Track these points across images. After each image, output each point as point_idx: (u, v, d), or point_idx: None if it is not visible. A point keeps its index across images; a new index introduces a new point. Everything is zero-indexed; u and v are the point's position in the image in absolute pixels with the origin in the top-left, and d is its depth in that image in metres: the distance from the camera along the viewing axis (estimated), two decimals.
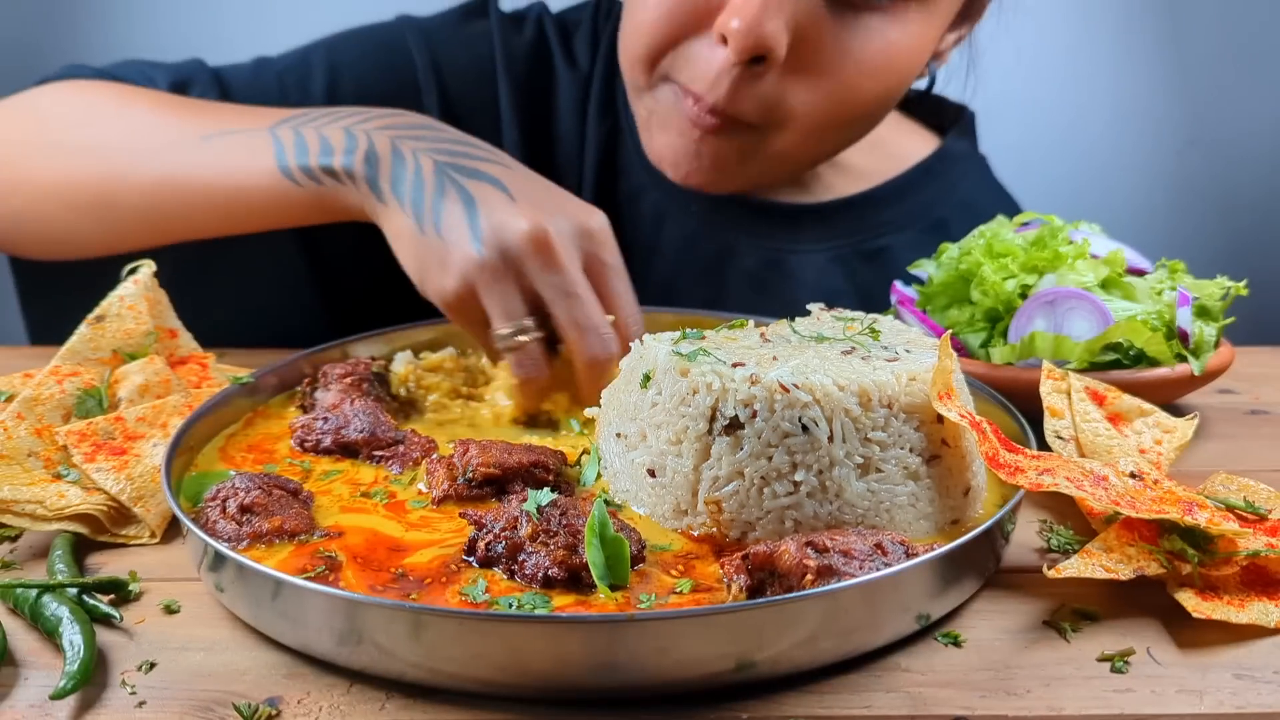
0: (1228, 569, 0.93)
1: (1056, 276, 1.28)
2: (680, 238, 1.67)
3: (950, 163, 1.72)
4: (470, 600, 0.89)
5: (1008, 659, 0.88)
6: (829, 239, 1.65)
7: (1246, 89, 2.68)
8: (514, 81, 1.66)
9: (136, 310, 1.25)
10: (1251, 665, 0.87)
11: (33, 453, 1.10)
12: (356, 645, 0.83)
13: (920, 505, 0.99)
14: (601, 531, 0.91)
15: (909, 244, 1.64)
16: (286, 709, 0.82)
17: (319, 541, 0.98)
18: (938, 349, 1.01)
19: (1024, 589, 0.97)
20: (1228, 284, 1.31)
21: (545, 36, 1.70)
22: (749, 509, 0.98)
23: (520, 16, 1.71)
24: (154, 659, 0.87)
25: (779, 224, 1.66)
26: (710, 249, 1.66)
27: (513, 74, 1.66)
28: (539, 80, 1.69)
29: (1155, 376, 1.24)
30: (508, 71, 1.66)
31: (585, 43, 1.70)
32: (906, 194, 1.68)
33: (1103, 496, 0.95)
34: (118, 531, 1.05)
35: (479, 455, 1.05)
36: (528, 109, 1.66)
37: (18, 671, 0.87)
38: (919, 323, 1.35)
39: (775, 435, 0.96)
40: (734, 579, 0.90)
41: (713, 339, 1.08)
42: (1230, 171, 2.73)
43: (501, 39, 1.67)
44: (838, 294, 1.61)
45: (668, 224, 1.67)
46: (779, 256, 1.65)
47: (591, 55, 1.70)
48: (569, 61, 1.69)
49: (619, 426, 1.06)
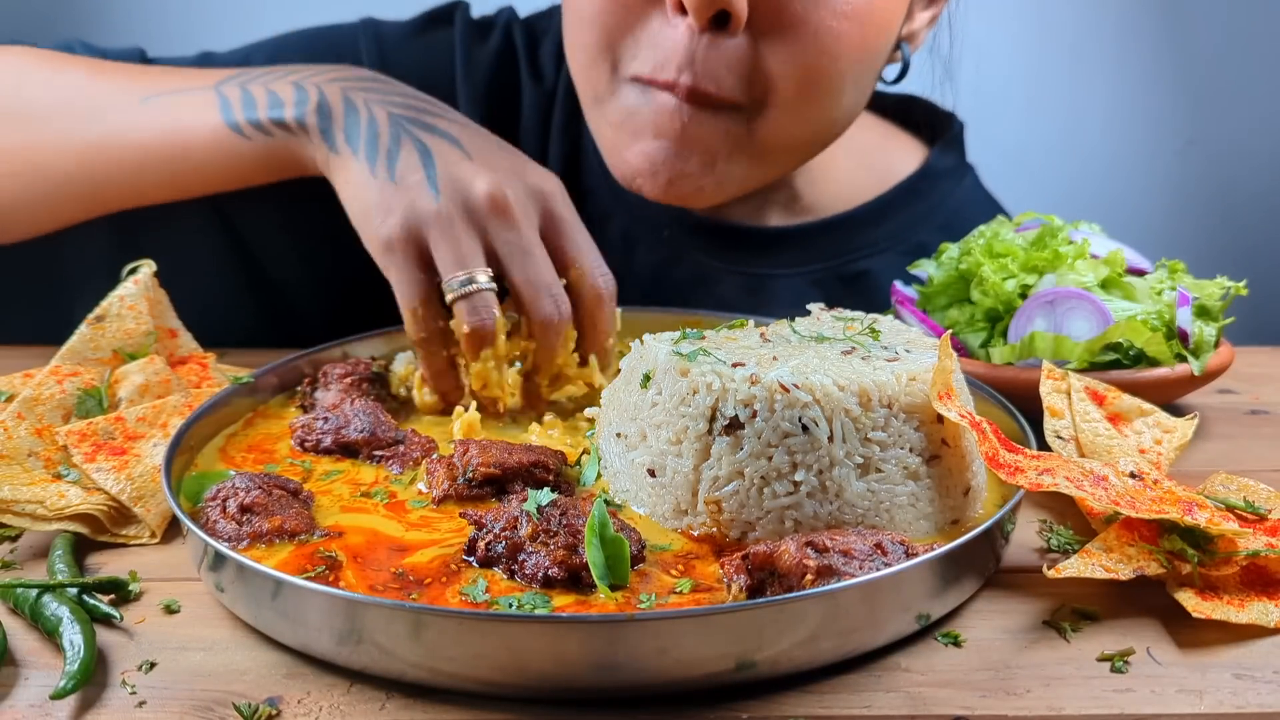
0: (1228, 569, 0.93)
1: (1056, 276, 1.29)
2: (651, 264, 1.59)
3: (934, 180, 1.64)
4: (470, 600, 0.89)
5: (1008, 659, 0.88)
6: (806, 262, 1.58)
7: (1246, 89, 2.68)
8: (475, 94, 1.60)
9: (136, 310, 1.25)
10: (1251, 665, 0.87)
11: (33, 453, 1.10)
12: (356, 645, 0.83)
13: (920, 505, 0.99)
14: (601, 531, 0.91)
15: (889, 267, 1.56)
16: (286, 709, 0.82)
17: (319, 541, 0.98)
18: (938, 349, 1.01)
19: (1024, 589, 0.97)
20: (1228, 284, 1.31)
21: (512, 45, 1.63)
22: (749, 509, 0.98)
23: (487, 24, 1.64)
24: (154, 659, 0.87)
25: (755, 248, 1.58)
26: (683, 275, 1.59)
27: (473, 84, 1.60)
28: (502, 93, 1.62)
29: (1155, 376, 1.24)
30: (468, 82, 1.59)
31: (550, 54, 1.63)
32: (888, 215, 1.61)
33: (1103, 496, 0.95)
34: (118, 531, 1.05)
35: (479, 455, 1.05)
36: (488, 123, 1.52)
37: (18, 671, 0.87)
38: (919, 323, 1.35)
39: (775, 435, 0.96)
40: (734, 579, 0.90)
41: (713, 339, 1.08)
42: (1230, 171, 2.73)
43: (464, 48, 1.60)
44: None
45: (638, 249, 1.60)
46: (755, 281, 1.58)
47: (556, 67, 1.62)
48: (534, 75, 1.62)
49: (619, 426, 1.06)
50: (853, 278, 1.59)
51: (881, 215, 1.61)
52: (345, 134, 1.26)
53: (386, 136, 1.24)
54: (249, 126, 1.31)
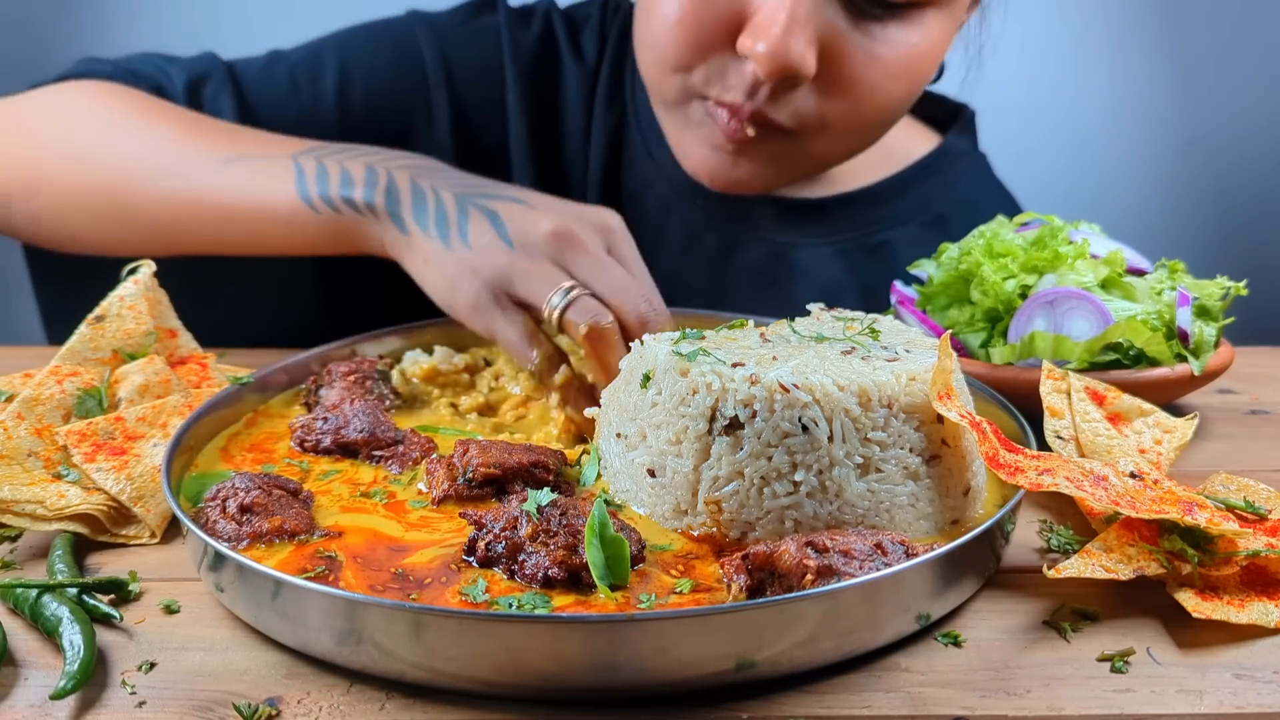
0: (1228, 569, 0.93)
1: (1056, 276, 1.28)
2: (685, 231, 1.68)
3: (950, 160, 1.74)
4: (470, 600, 0.89)
5: (1008, 659, 0.88)
6: (832, 233, 1.67)
7: (1246, 89, 2.67)
8: (521, 76, 1.68)
9: (136, 310, 1.25)
10: (1251, 665, 0.87)
11: (33, 453, 1.10)
12: (356, 645, 0.83)
13: (920, 505, 0.99)
14: (601, 531, 0.91)
15: (909, 238, 1.66)
16: (286, 709, 0.82)
17: (319, 541, 0.98)
18: (938, 349, 1.01)
19: (1024, 589, 0.97)
20: (1228, 284, 1.31)
21: (553, 31, 1.71)
22: (749, 509, 0.98)
23: (528, 11, 1.73)
24: (154, 659, 0.87)
25: (784, 218, 1.67)
26: (715, 242, 1.67)
27: (520, 69, 1.68)
28: (546, 75, 1.70)
29: (1155, 376, 1.24)
30: (515, 66, 1.67)
31: (593, 37, 1.71)
32: (907, 190, 1.70)
33: (1103, 496, 0.95)
34: (118, 531, 1.05)
35: (479, 455, 1.05)
36: (535, 104, 1.67)
37: (18, 671, 0.87)
38: (919, 323, 1.35)
39: (775, 435, 0.96)
40: (734, 579, 0.90)
41: (713, 339, 1.08)
42: (1230, 171, 2.73)
43: (509, 34, 1.68)
44: (840, 287, 1.63)
45: (673, 217, 1.68)
46: (783, 250, 1.66)
47: (599, 50, 1.71)
48: (576, 55, 1.70)
49: (619, 426, 1.06)
50: (874, 248, 1.67)
51: (901, 189, 1.70)
52: (414, 215, 1.30)
53: (454, 211, 1.29)
54: (320, 201, 1.36)
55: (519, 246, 1.23)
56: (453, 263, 1.25)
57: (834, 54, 1.35)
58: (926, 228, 1.67)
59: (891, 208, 1.69)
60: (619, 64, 1.69)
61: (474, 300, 1.23)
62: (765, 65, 1.31)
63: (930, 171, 1.72)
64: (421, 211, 1.30)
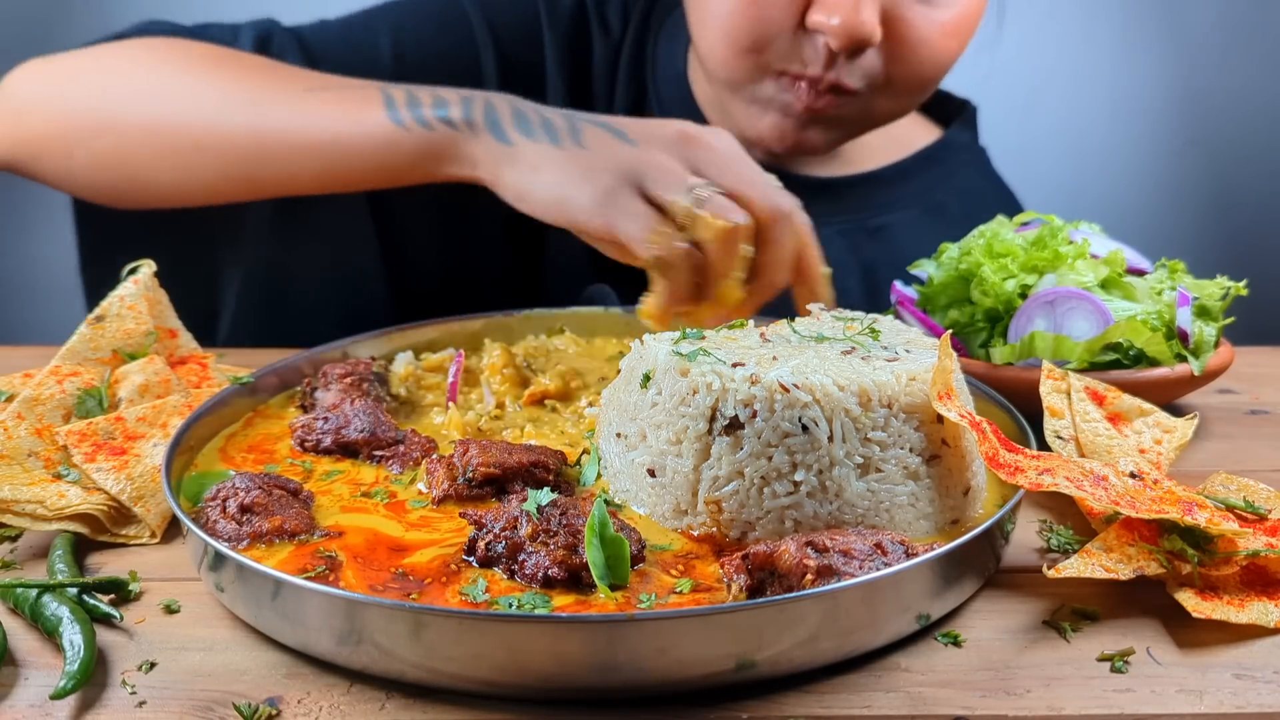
0: (1227, 569, 0.93)
1: (1056, 276, 1.28)
2: None
3: (951, 151, 1.80)
4: (470, 600, 0.89)
5: (1008, 659, 0.88)
6: (837, 214, 1.71)
7: (1247, 89, 2.67)
8: (556, 38, 1.71)
9: (136, 310, 1.25)
10: (1251, 665, 0.87)
11: (33, 453, 1.10)
12: (356, 645, 0.83)
13: (920, 505, 0.99)
14: (601, 531, 0.91)
15: (909, 223, 1.73)
16: (286, 709, 0.82)
17: (319, 541, 0.98)
18: (938, 349, 1.01)
19: (1024, 589, 0.97)
20: (1228, 284, 1.31)
21: (584, 2, 1.74)
22: (749, 509, 0.98)
23: None
24: (154, 659, 0.87)
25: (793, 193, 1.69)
26: None
27: (557, 32, 1.71)
28: (579, 41, 1.74)
29: (1155, 376, 1.24)
30: (552, 31, 1.70)
31: (618, 12, 1.75)
32: (910, 176, 1.76)
33: (1103, 496, 0.95)
34: (118, 531, 1.05)
35: (479, 455, 1.05)
36: (571, 69, 1.72)
37: (18, 671, 0.87)
38: (919, 323, 1.35)
39: (775, 435, 0.96)
40: (734, 579, 0.90)
41: (713, 339, 1.08)
42: (1230, 171, 2.72)
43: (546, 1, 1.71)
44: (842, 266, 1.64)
45: None
46: None
47: (623, 24, 1.74)
48: (603, 28, 1.74)
49: (619, 426, 1.06)
50: (875, 230, 1.73)
51: (904, 176, 1.77)
52: (517, 128, 1.30)
53: (564, 123, 1.30)
54: (412, 122, 1.35)
55: (643, 144, 1.24)
56: (570, 161, 1.25)
57: (896, 18, 1.47)
58: (925, 214, 1.73)
59: (893, 192, 1.74)
60: (641, 39, 1.73)
61: (600, 194, 1.22)
62: (840, 38, 1.42)
63: (932, 161, 1.78)
64: (526, 124, 1.30)
